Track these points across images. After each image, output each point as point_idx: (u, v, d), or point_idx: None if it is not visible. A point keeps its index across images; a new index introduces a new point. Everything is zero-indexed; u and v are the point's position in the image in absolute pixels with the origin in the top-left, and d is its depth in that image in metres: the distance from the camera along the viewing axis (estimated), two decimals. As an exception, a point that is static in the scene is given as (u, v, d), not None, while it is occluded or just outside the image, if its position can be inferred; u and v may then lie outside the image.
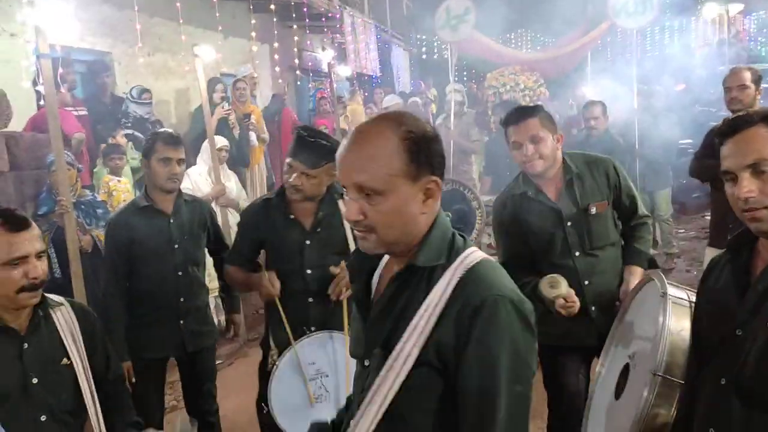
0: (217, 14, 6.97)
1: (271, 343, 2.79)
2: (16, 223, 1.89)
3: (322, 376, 2.67)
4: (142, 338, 3.04)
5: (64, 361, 2.00)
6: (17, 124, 4.72)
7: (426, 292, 1.32)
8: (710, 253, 3.88)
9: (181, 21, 6.49)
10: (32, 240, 1.92)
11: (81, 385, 2.00)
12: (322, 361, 2.68)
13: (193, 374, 3.25)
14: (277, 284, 2.72)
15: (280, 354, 2.69)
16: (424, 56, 15.52)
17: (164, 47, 7.15)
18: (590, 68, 7.95)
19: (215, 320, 3.63)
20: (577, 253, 2.70)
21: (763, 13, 13.81)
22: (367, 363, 1.40)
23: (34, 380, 1.93)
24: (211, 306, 4.20)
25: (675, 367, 1.95)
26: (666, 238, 6.89)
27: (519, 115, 2.68)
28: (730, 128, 1.51)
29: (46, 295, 2.06)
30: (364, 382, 1.40)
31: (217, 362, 5.13)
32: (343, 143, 1.37)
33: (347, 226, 2.68)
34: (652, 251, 2.74)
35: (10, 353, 1.93)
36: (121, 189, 5.16)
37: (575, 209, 2.70)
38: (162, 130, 3.42)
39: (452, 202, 4.44)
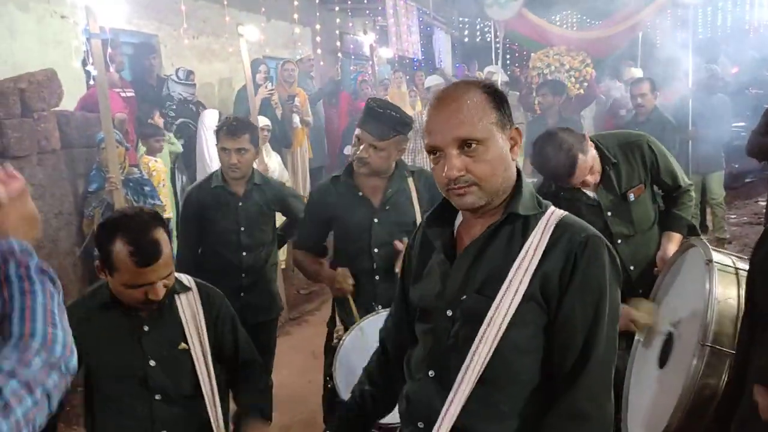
0: (260, -3, 7.00)
1: (337, 320, 2.78)
2: (146, 259, 1.80)
3: None
4: None
5: (182, 346, 2.00)
6: (68, 103, 4.84)
7: (523, 238, 1.40)
8: None
9: (225, 3, 6.55)
10: (159, 270, 1.84)
11: (198, 370, 1.99)
12: None
13: None
14: (351, 280, 2.67)
15: (345, 330, 2.64)
16: (466, 39, 15.32)
17: (208, 30, 7.23)
18: (641, 49, 7.71)
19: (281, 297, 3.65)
20: (619, 241, 2.66)
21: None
22: (450, 313, 1.43)
23: (152, 363, 1.95)
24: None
25: (723, 336, 1.90)
26: (718, 222, 6.67)
27: (568, 169, 2.57)
28: None
29: (177, 276, 2.03)
30: (446, 333, 1.43)
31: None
32: (429, 110, 1.45)
33: (416, 204, 2.69)
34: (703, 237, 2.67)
35: (131, 336, 1.95)
36: (159, 169, 5.26)
37: (614, 198, 2.67)
38: (229, 117, 3.44)
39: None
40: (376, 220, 2.69)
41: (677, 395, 1.89)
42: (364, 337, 2.57)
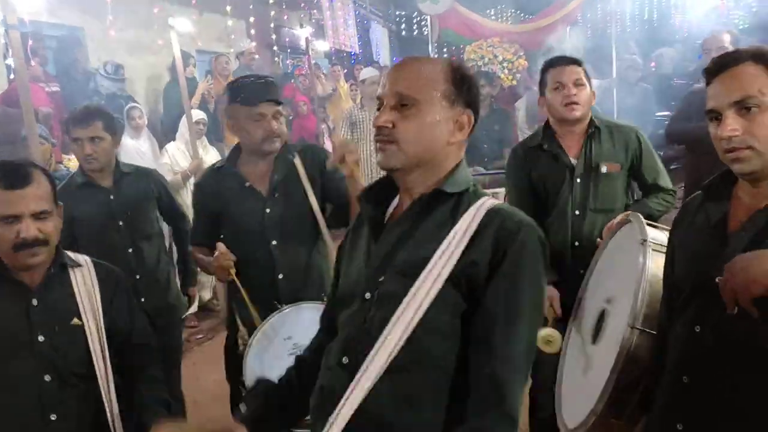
0: (192, -12, 6.83)
1: (239, 322, 2.47)
2: (12, 181, 1.76)
3: (300, 350, 2.54)
4: None
5: (75, 321, 1.90)
6: (-12, 99, 4.60)
7: (452, 220, 1.36)
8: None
9: (154, -6, 6.36)
10: (29, 199, 1.78)
11: (91, 347, 1.89)
12: (299, 335, 2.42)
13: None
14: (230, 256, 2.41)
15: (250, 334, 2.40)
16: (403, 33, 15.37)
17: (137, 22, 7.00)
18: (569, 42, 7.91)
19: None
20: (577, 212, 2.68)
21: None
22: (368, 296, 1.38)
23: (41, 338, 1.84)
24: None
25: (653, 319, 1.87)
26: (646, 207, 6.95)
27: (566, 59, 2.71)
28: (718, 65, 1.45)
29: (68, 253, 1.97)
30: (362, 317, 1.38)
31: (198, 336, 5.19)
32: (394, 64, 1.48)
33: (307, 185, 2.52)
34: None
35: (17, 308, 1.84)
36: (74, 167, 5.01)
37: (586, 166, 2.68)
38: (79, 107, 3.19)
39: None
40: (267, 211, 2.50)
41: (605, 376, 1.89)
42: (272, 337, 2.38)
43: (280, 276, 2.49)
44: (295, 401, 1.56)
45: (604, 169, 2.68)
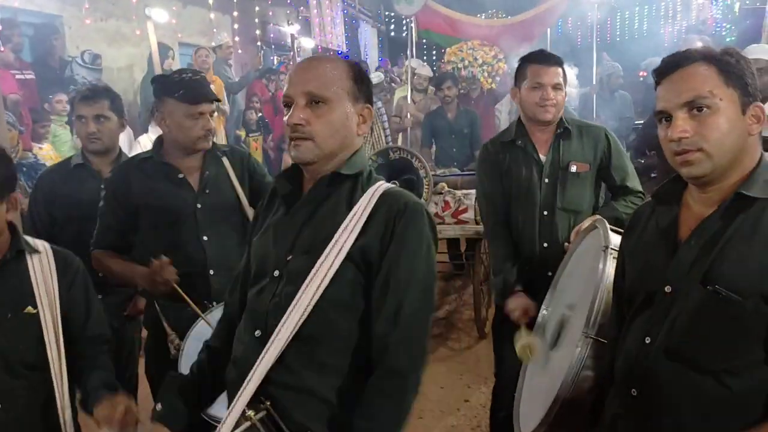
0: (174, -21, 6.75)
1: (166, 326, 2.30)
2: None
3: None
4: None
5: (29, 309, 1.82)
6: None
7: (350, 202, 1.49)
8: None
9: (135, -16, 6.28)
10: None
11: (46, 337, 1.82)
12: None
13: None
14: (173, 269, 2.25)
15: (181, 338, 2.24)
16: (392, 33, 15.37)
17: (118, 12, 6.92)
18: (549, 47, 7.92)
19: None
20: (545, 212, 2.64)
21: (729, 1, 13.95)
22: (276, 273, 1.49)
23: None
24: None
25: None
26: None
27: (548, 58, 2.63)
28: (668, 65, 1.40)
29: (26, 238, 1.90)
30: (272, 292, 1.48)
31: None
32: (297, 65, 1.57)
33: (236, 183, 2.49)
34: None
35: None
36: (45, 156, 4.92)
37: (556, 165, 2.64)
38: (82, 87, 3.08)
39: (401, 172, 4.37)
40: (199, 205, 2.40)
41: (558, 384, 1.86)
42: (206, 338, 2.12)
43: (211, 272, 2.39)
44: (208, 388, 1.63)
45: (573, 168, 2.63)
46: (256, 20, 9.35)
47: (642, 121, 7.11)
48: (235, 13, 7.62)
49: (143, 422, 1.77)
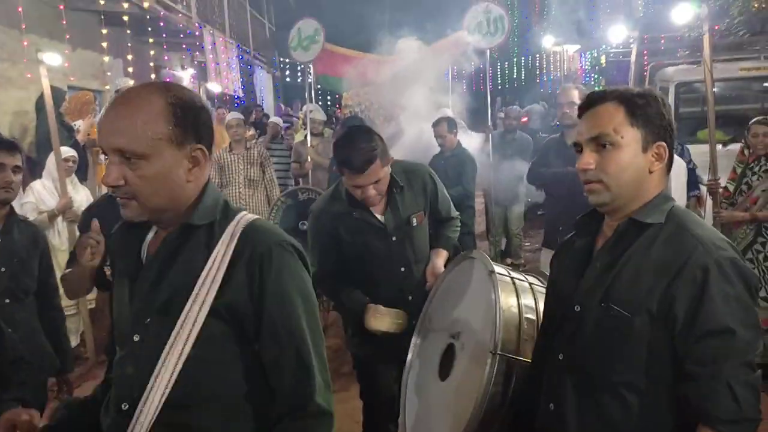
0: (64, 22, 6.59)
1: None
2: None
3: None
4: None
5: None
6: None
7: (207, 250, 1.33)
8: (546, 254, 4.16)
9: (23, 27, 6.07)
10: None
11: None
12: None
13: None
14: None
15: None
16: (288, 79, 15.57)
17: (4, 55, 6.64)
18: (451, 91, 8.29)
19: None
20: (402, 269, 2.72)
21: (595, 52, 15.26)
22: (137, 338, 1.34)
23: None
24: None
25: (509, 343, 1.95)
26: (515, 250, 7.37)
27: (363, 163, 2.52)
28: (586, 103, 1.56)
29: None
30: (133, 359, 1.35)
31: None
32: (107, 109, 1.33)
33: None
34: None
35: None
36: None
37: (398, 222, 2.70)
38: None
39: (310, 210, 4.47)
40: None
41: (469, 406, 1.92)
42: None
43: None
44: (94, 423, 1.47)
45: (414, 221, 2.73)
46: (151, 64, 9.23)
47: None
48: (129, 57, 7.50)
49: None
